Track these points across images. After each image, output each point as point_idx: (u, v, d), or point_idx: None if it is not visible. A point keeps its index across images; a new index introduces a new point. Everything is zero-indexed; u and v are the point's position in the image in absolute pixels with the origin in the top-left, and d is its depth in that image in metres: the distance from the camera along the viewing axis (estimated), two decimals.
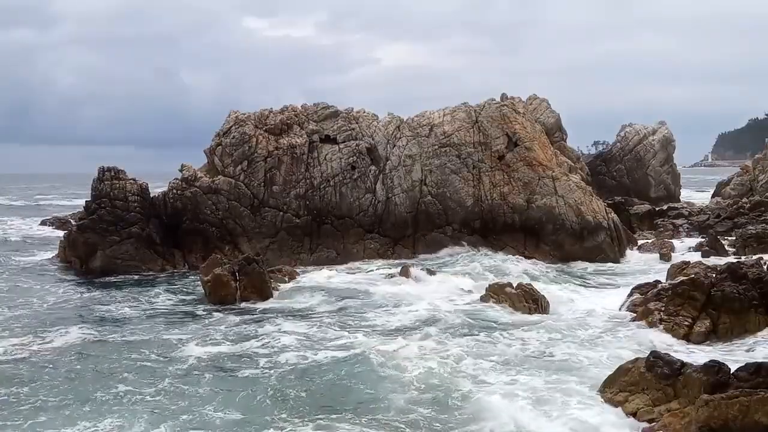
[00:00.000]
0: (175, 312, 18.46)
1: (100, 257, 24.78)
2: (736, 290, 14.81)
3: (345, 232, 26.86)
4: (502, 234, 27.26)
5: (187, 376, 12.66)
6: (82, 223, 26.06)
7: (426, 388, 11.61)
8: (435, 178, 27.76)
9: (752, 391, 9.09)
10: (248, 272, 19.70)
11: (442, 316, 16.93)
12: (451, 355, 13.32)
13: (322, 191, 27.17)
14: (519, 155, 27.81)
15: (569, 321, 16.48)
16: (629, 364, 11.11)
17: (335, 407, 10.96)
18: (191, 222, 26.33)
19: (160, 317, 17.77)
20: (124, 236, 25.14)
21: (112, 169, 26.58)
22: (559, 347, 14.14)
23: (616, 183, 51.61)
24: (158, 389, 11.79)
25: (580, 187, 28.05)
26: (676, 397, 10.22)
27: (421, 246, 26.99)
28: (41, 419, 10.57)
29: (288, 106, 29.09)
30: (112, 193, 25.90)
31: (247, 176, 26.94)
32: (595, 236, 26.68)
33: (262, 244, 26.08)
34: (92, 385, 12.10)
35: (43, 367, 13.13)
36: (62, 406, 11.05)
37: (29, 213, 53.99)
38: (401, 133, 28.58)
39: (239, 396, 11.49)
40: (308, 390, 11.70)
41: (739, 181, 47.01)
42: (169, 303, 19.69)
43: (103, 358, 13.72)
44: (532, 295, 17.89)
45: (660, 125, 55.05)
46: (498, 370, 12.63)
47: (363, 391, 11.64)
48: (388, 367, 12.61)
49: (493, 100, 30.08)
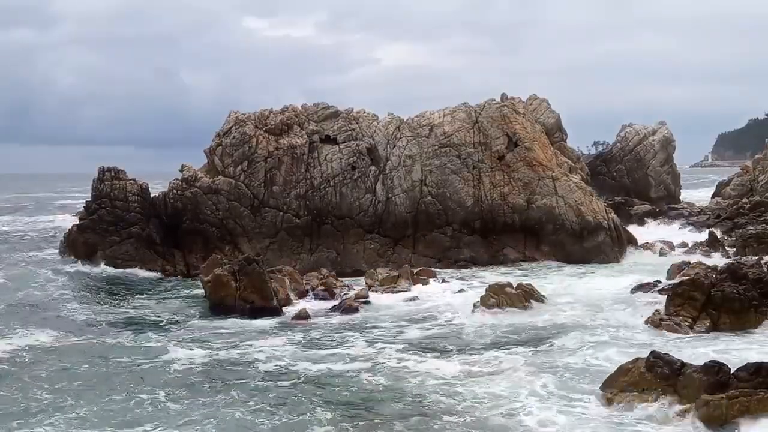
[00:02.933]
0: (172, 315, 18.41)
1: (100, 257, 24.79)
2: (736, 290, 14.83)
3: (345, 233, 26.84)
4: (502, 234, 27.24)
5: (182, 378, 12.57)
6: (82, 223, 26.08)
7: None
8: (435, 178, 27.74)
9: (752, 391, 9.10)
10: (248, 272, 19.65)
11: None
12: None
13: (322, 191, 27.17)
14: (519, 155, 27.80)
15: (568, 321, 16.49)
16: (629, 364, 11.11)
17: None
18: (191, 222, 26.33)
19: (154, 320, 17.75)
20: (124, 236, 25.16)
21: (112, 170, 26.60)
22: (558, 348, 14.15)
23: (616, 183, 51.59)
24: (149, 395, 11.61)
25: (580, 187, 28.06)
26: (676, 397, 10.22)
27: (421, 246, 26.99)
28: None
29: (288, 106, 29.08)
30: (112, 194, 25.92)
31: (247, 176, 26.94)
32: (595, 236, 26.68)
33: (263, 244, 26.07)
34: (88, 386, 12.08)
35: (27, 367, 13.06)
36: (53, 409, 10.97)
37: (30, 212, 54.01)
38: (401, 133, 28.57)
39: (232, 404, 11.30)
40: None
41: (739, 181, 46.99)
42: (168, 304, 19.68)
43: (102, 360, 13.72)
44: (533, 295, 17.91)
45: (660, 125, 55.02)
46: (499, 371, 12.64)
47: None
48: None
49: (493, 101, 30.07)
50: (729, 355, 12.63)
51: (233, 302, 18.89)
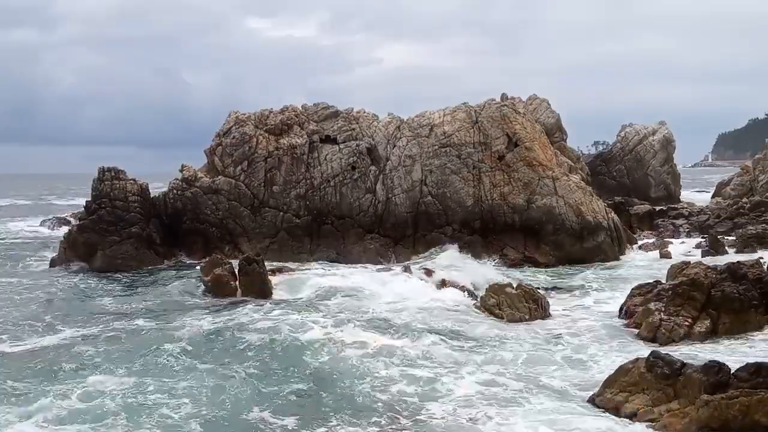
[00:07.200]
0: (173, 308, 18.47)
1: (101, 257, 24.77)
2: (736, 290, 14.81)
3: (345, 233, 26.85)
4: (502, 234, 27.24)
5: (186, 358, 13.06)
6: (83, 223, 26.07)
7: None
8: (435, 178, 27.74)
9: (752, 392, 9.09)
10: (248, 272, 19.71)
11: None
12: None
13: (322, 191, 27.18)
14: (519, 155, 27.80)
15: (567, 321, 16.48)
16: (629, 364, 11.11)
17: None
18: (191, 222, 26.35)
19: (157, 313, 17.79)
20: (124, 236, 25.15)
21: (112, 170, 26.60)
22: (556, 348, 14.14)
23: (616, 183, 51.60)
24: (156, 386, 11.76)
25: (580, 187, 28.06)
26: (676, 397, 10.22)
27: (421, 246, 26.98)
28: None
29: (288, 106, 29.10)
30: (113, 194, 25.92)
31: (247, 176, 26.96)
32: (595, 236, 26.69)
33: (263, 244, 26.09)
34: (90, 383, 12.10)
35: (38, 363, 13.12)
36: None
37: (32, 212, 53.98)
38: (401, 133, 28.57)
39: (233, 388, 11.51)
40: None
41: (739, 181, 46.96)
42: (168, 302, 19.68)
43: (102, 355, 13.71)
44: (533, 296, 17.88)
45: (660, 125, 55.04)
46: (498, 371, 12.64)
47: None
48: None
49: (493, 100, 30.07)
50: (729, 355, 12.64)
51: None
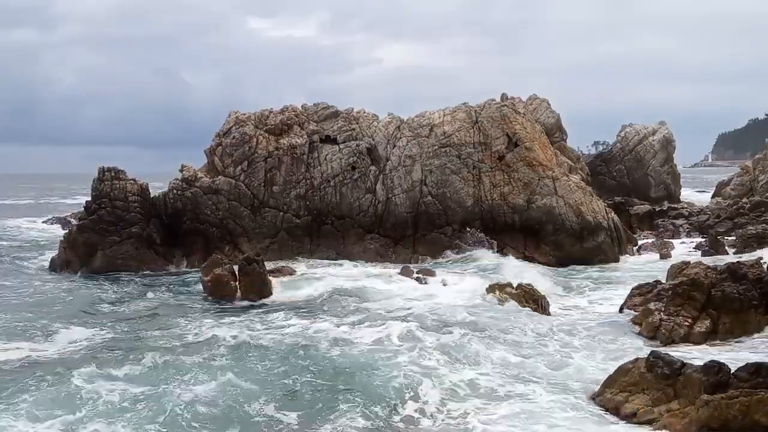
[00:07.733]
0: (174, 309, 18.47)
1: (100, 257, 24.76)
2: (736, 290, 14.80)
3: (345, 233, 26.86)
4: (502, 234, 27.22)
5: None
6: (82, 223, 26.06)
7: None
8: (435, 178, 27.74)
9: (752, 392, 9.09)
10: (248, 272, 19.71)
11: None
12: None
13: (322, 191, 27.18)
14: (519, 155, 27.80)
15: (568, 321, 16.47)
16: (629, 364, 11.11)
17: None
18: (191, 222, 26.34)
19: (157, 315, 17.80)
20: (124, 236, 25.13)
21: (112, 170, 26.58)
22: (556, 348, 14.13)
23: (616, 183, 51.58)
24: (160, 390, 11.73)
25: (580, 187, 28.06)
26: (676, 397, 10.22)
27: (421, 246, 26.98)
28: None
29: (288, 106, 29.09)
30: (113, 194, 25.90)
31: (247, 176, 26.95)
32: (595, 236, 26.68)
33: (263, 244, 26.08)
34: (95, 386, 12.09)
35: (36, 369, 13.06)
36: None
37: (32, 212, 53.98)
38: (401, 133, 28.57)
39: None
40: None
41: (739, 181, 46.96)
42: (168, 302, 19.68)
43: (107, 357, 13.72)
44: (533, 296, 17.89)
45: (660, 125, 55.00)
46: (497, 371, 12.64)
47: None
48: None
49: (493, 101, 30.07)
50: (729, 355, 12.63)
51: (232, 301, 19.04)
